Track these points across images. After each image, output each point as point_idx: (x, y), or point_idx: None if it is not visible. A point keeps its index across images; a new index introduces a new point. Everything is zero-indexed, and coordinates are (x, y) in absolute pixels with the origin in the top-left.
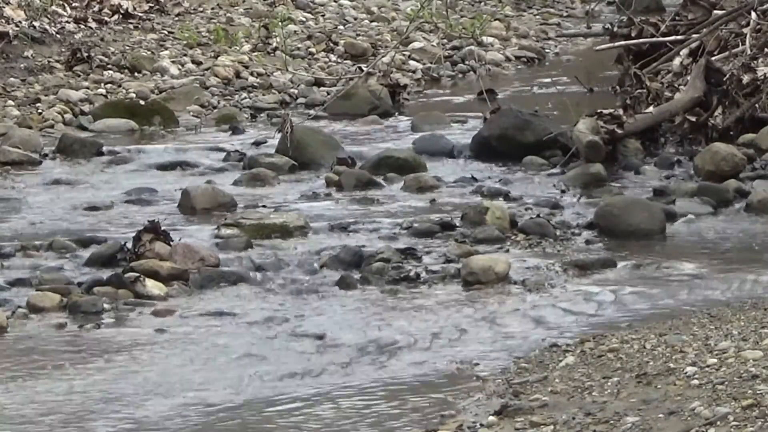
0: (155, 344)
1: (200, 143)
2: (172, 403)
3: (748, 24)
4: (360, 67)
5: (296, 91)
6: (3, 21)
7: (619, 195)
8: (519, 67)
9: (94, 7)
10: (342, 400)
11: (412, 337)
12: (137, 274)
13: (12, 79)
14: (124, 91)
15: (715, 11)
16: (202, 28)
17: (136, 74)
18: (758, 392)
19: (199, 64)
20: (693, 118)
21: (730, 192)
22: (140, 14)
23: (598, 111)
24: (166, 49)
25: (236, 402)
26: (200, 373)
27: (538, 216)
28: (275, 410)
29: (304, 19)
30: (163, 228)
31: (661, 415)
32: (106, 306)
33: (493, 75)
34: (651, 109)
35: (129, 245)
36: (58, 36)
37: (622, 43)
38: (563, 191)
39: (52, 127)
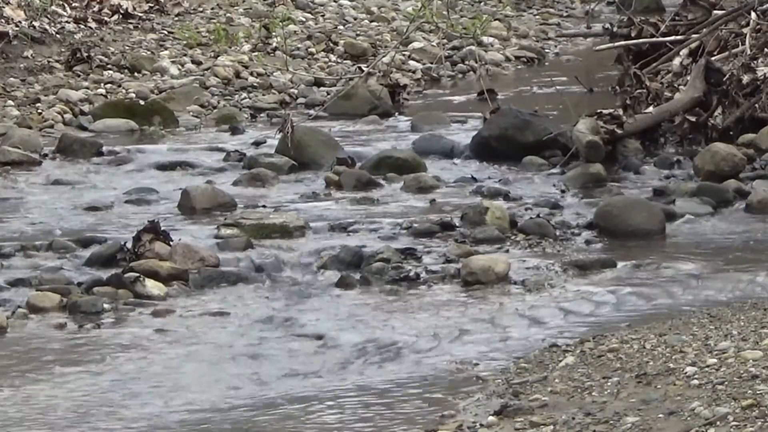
0: (155, 344)
1: (200, 143)
2: (172, 404)
3: (748, 24)
4: (360, 67)
5: (296, 91)
6: (3, 21)
7: (619, 195)
8: (519, 67)
9: (94, 7)
10: (342, 400)
11: (412, 337)
12: (137, 274)
13: (12, 79)
14: (124, 91)
15: (715, 11)
16: (202, 28)
17: (136, 74)
18: (758, 392)
19: (199, 64)
20: (693, 118)
21: (730, 192)
22: (140, 14)
23: (598, 111)
24: (166, 49)
25: (236, 402)
26: (200, 373)
27: (538, 216)
28: (275, 410)
29: (304, 19)
30: (163, 228)
31: (661, 415)
32: (106, 306)
33: (493, 75)
34: (651, 109)
35: (129, 245)
36: (58, 36)
37: (622, 43)
38: (563, 191)
39: (52, 127)
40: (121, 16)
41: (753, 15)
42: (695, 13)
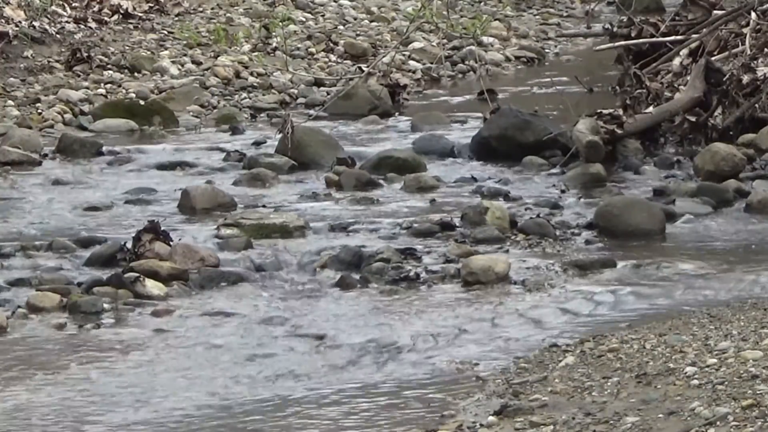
0: (155, 344)
1: (200, 143)
2: (172, 404)
3: (748, 24)
4: (360, 67)
5: (296, 91)
6: (3, 21)
7: (619, 195)
8: (519, 67)
9: (94, 7)
10: (342, 401)
11: (412, 337)
12: (137, 274)
13: (12, 79)
14: (124, 91)
15: (715, 11)
16: (202, 28)
17: (136, 74)
18: (758, 392)
19: (199, 64)
20: (693, 118)
21: (730, 192)
22: (140, 14)
23: (598, 111)
24: (166, 49)
25: (236, 402)
26: (200, 373)
27: (538, 216)
28: (275, 411)
29: (304, 19)
30: (163, 228)
31: (661, 415)
32: (106, 306)
33: (493, 75)
34: (651, 109)
35: (129, 245)
36: (58, 36)
37: (622, 43)
38: (563, 191)
39: (52, 127)
40: (121, 16)
41: (753, 15)
42: (695, 13)
